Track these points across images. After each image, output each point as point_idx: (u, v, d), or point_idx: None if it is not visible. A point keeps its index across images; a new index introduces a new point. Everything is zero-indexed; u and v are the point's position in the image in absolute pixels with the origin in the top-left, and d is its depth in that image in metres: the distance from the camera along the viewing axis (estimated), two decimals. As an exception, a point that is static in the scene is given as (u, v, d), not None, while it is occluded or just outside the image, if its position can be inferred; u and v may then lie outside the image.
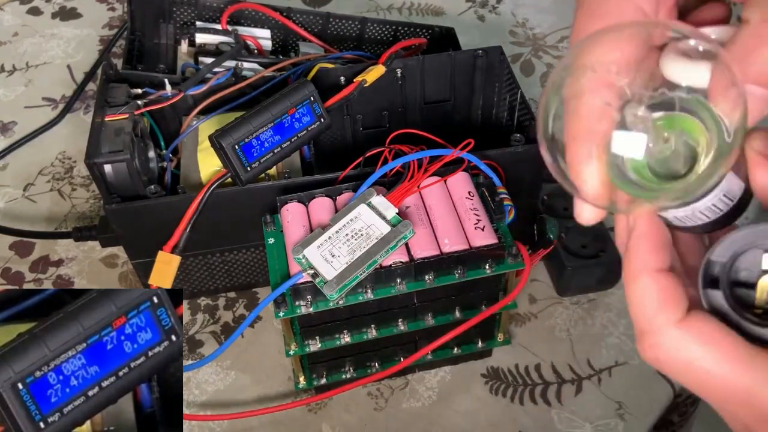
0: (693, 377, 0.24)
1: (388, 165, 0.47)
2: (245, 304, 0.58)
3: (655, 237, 0.25)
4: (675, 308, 0.24)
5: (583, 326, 0.56)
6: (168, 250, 0.48)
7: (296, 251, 0.43)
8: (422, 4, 0.86)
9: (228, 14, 0.65)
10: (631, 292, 0.25)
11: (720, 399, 0.24)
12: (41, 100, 0.76)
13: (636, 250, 0.25)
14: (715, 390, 0.24)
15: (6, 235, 0.61)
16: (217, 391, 0.52)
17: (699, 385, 0.24)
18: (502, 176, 0.49)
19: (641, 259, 0.25)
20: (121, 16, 0.85)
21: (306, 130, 0.50)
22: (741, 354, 0.23)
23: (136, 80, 0.56)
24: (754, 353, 0.23)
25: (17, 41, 0.82)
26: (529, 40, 0.81)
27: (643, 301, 0.25)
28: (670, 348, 0.24)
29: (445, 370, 0.53)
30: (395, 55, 0.56)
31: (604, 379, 0.52)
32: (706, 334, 0.24)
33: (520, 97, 0.55)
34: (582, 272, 0.56)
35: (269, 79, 0.57)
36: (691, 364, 0.24)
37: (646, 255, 0.25)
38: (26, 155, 0.70)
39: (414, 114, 0.60)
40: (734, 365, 0.23)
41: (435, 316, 0.48)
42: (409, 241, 0.44)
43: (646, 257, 0.25)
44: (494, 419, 0.50)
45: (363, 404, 0.51)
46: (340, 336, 0.47)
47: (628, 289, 0.25)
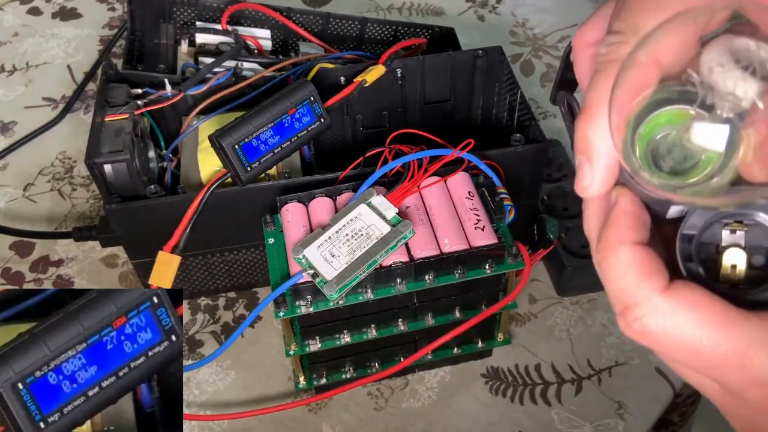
0: (683, 347, 0.23)
1: (388, 165, 0.47)
2: (245, 304, 0.58)
3: (636, 214, 0.25)
4: (658, 277, 0.24)
5: (583, 326, 0.56)
6: (168, 250, 0.48)
7: (296, 251, 0.43)
8: (422, 4, 0.86)
9: (228, 14, 0.65)
10: (608, 266, 0.25)
11: (712, 366, 0.23)
12: (41, 100, 0.76)
13: (616, 224, 0.25)
14: (706, 357, 0.23)
15: (6, 235, 0.61)
16: (217, 391, 0.52)
17: (689, 355, 0.23)
18: (502, 176, 0.49)
19: (621, 232, 0.24)
20: (121, 16, 0.85)
21: (306, 130, 0.50)
22: (731, 317, 0.23)
23: (136, 80, 0.56)
24: (744, 315, 0.23)
25: (17, 41, 0.82)
26: (529, 40, 0.81)
27: (625, 273, 0.24)
28: (658, 318, 0.23)
29: (445, 370, 0.53)
30: (395, 55, 0.56)
31: (604, 379, 0.52)
32: (693, 301, 0.23)
33: (520, 97, 0.55)
34: (582, 272, 0.55)
35: (269, 79, 0.57)
36: (680, 333, 0.23)
37: (627, 229, 0.24)
38: (26, 155, 0.70)
39: (414, 114, 0.60)
40: (725, 329, 0.23)
41: (435, 316, 0.48)
42: (409, 241, 0.44)
43: (626, 231, 0.24)
44: (494, 419, 0.51)
45: (363, 404, 0.51)
46: (340, 336, 0.47)
47: (605, 263, 0.25)
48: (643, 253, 0.24)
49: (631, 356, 0.54)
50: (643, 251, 0.24)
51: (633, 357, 0.53)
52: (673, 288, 0.23)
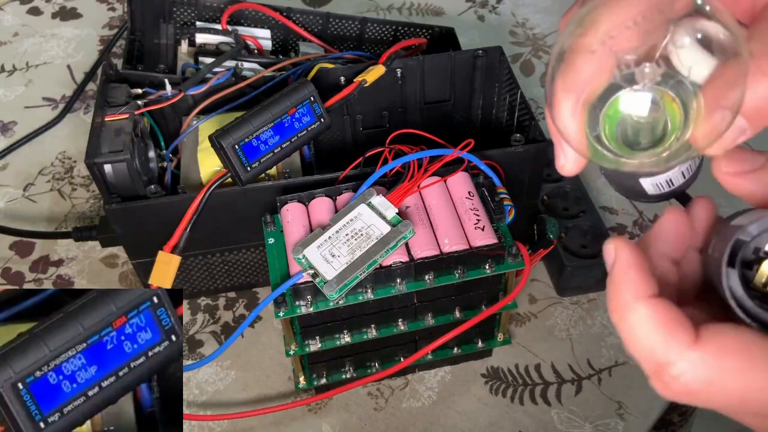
0: (734, 396, 0.22)
1: (388, 165, 0.47)
2: (245, 304, 0.58)
3: (642, 264, 0.24)
4: (685, 330, 0.22)
5: (583, 326, 0.56)
6: (168, 250, 0.48)
7: (296, 251, 0.43)
8: (422, 4, 0.86)
9: (228, 14, 0.65)
10: (629, 325, 0.23)
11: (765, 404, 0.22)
12: (41, 100, 0.76)
13: (626, 280, 0.24)
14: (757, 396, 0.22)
15: (6, 235, 0.61)
16: (217, 391, 0.52)
17: (743, 402, 0.22)
18: (502, 176, 0.49)
19: (633, 287, 0.23)
20: (121, 16, 0.85)
21: (306, 130, 0.50)
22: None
23: (136, 80, 0.56)
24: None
25: (17, 41, 0.82)
26: (529, 40, 0.81)
27: (649, 331, 0.23)
28: (698, 373, 0.22)
29: (445, 370, 0.53)
30: (395, 55, 0.56)
31: (604, 379, 0.52)
32: (727, 346, 0.22)
33: (520, 97, 0.55)
34: (582, 272, 0.56)
35: (269, 79, 0.57)
36: (726, 383, 0.22)
37: (638, 283, 0.23)
38: (26, 155, 0.70)
39: (414, 114, 0.60)
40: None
41: (435, 316, 0.48)
42: (409, 241, 0.44)
43: (638, 285, 0.23)
44: (494, 419, 0.51)
45: (363, 404, 0.51)
46: (340, 336, 0.47)
47: (624, 322, 0.23)
48: (662, 305, 0.23)
49: (631, 356, 0.53)
50: (661, 304, 0.23)
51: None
52: (703, 338, 0.22)
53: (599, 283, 0.57)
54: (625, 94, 0.23)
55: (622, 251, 0.24)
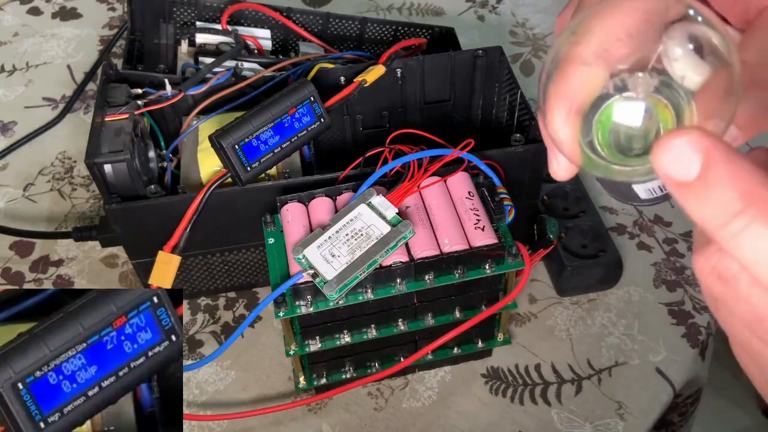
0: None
1: (388, 165, 0.47)
2: (245, 304, 0.58)
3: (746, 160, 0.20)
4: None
5: (583, 326, 0.56)
6: (168, 250, 0.48)
7: (296, 251, 0.43)
8: (422, 4, 0.86)
9: (228, 14, 0.65)
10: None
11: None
12: (41, 100, 0.76)
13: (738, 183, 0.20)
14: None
15: (6, 235, 0.61)
16: (217, 391, 0.52)
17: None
18: (502, 176, 0.49)
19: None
20: (121, 16, 0.85)
21: (306, 130, 0.50)
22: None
23: (136, 80, 0.56)
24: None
25: (17, 41, 0.82)
26: (529, 40, 0.81)
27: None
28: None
29: (445, 370, 0.53)
30: (395, 55, 0.56)
31: (604, 379, 0.52)
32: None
33: (520, 97, 0.55)
34: (582, 272, 0.56)
35: (269, 79, 0.57)
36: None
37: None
38: (26, 155, 0.70)
39: (414, 114, 0.60)
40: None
41: (435, 316, 0.48)
42: (409, 241, 0.44)
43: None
44: (494, 419, 0.50)
45: (363, 404, 0.51)
46: (340, 336, 0.47)
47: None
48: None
49: (631, 356, 0.54)
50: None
51: (633, 357, 0.53)
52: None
53: (599, 283, 0.57)
54: (617, 102, 0.24)
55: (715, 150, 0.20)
